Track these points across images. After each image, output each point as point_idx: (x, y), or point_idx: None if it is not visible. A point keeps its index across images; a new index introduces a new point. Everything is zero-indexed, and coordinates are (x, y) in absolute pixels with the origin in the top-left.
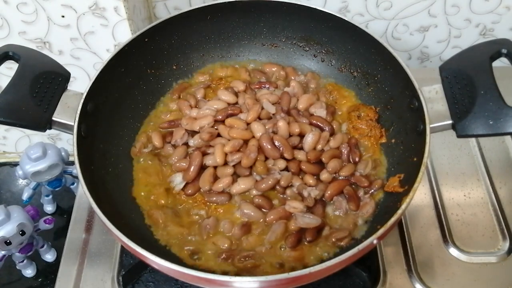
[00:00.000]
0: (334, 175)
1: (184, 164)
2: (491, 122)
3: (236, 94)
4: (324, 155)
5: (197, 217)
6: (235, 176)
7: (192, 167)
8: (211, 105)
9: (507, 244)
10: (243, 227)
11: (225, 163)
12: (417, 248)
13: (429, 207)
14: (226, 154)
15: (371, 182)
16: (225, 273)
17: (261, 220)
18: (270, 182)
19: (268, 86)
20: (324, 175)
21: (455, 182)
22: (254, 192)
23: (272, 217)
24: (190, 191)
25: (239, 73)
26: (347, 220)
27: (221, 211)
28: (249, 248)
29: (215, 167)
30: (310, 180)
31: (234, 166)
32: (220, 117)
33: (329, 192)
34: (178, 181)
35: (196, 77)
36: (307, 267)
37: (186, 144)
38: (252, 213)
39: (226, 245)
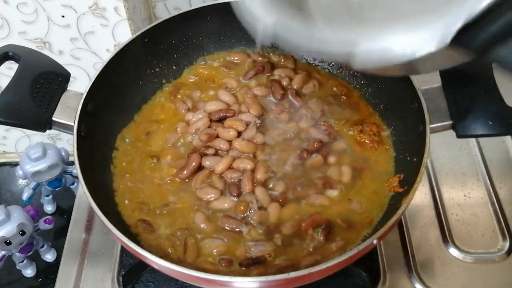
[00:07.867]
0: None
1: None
2: (491, 122)
3: (234, 94)
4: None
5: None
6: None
7: (186, 169)
8: (209, 106)
9: (507, 244)
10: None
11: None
12: (417, 248)
13: (429, 207)
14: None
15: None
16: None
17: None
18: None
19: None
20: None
21: (455, 182)
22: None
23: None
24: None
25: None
26: None
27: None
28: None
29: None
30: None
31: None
32: (214, 118)
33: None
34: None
35: (196, 77)
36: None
37: None
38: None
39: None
